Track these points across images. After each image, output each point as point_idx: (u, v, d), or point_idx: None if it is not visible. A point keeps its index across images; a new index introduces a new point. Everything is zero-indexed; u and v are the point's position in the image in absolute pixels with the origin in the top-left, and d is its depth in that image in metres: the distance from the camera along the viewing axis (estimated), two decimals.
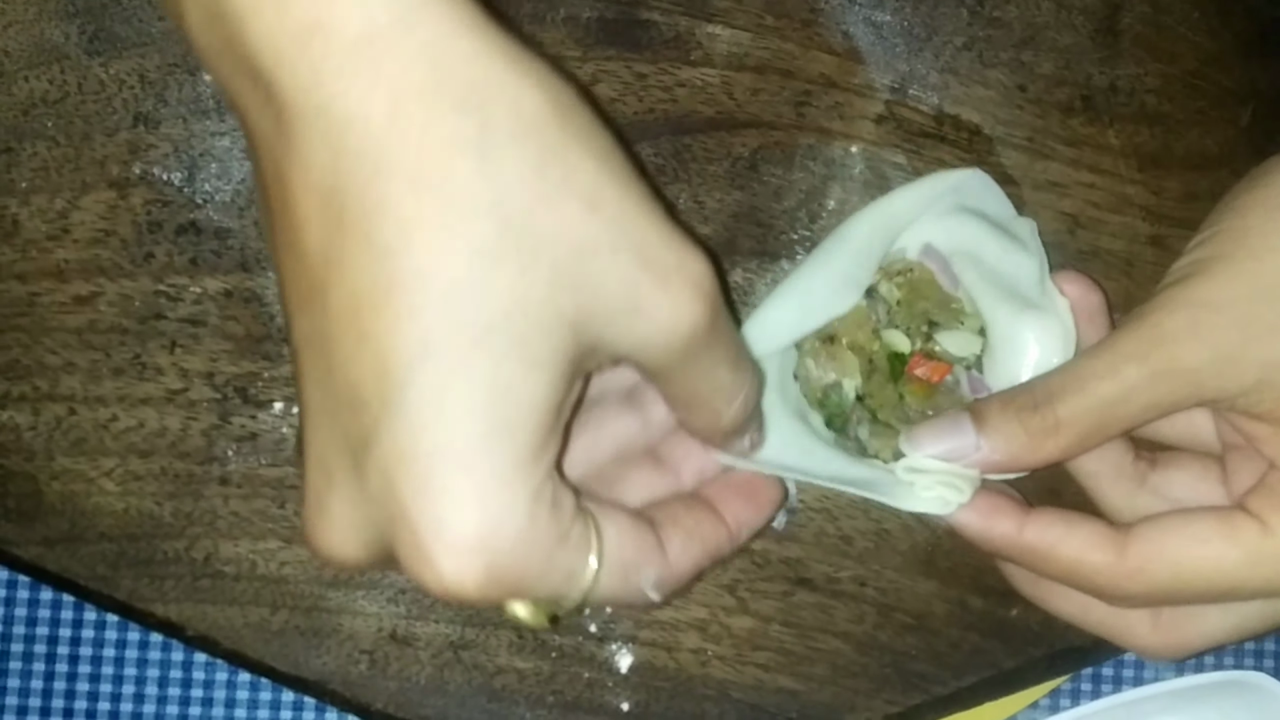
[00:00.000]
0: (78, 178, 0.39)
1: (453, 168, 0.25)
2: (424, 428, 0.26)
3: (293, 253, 0.27)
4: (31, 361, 0.39)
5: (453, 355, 0.26)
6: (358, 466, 0.27)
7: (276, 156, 0.26)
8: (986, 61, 0.40)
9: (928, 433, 0.35)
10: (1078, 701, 0.43)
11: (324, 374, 0.27)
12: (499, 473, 0.27)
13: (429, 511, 0.27)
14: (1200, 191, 0.41)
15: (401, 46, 0.25)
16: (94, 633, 0.42)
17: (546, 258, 0.26)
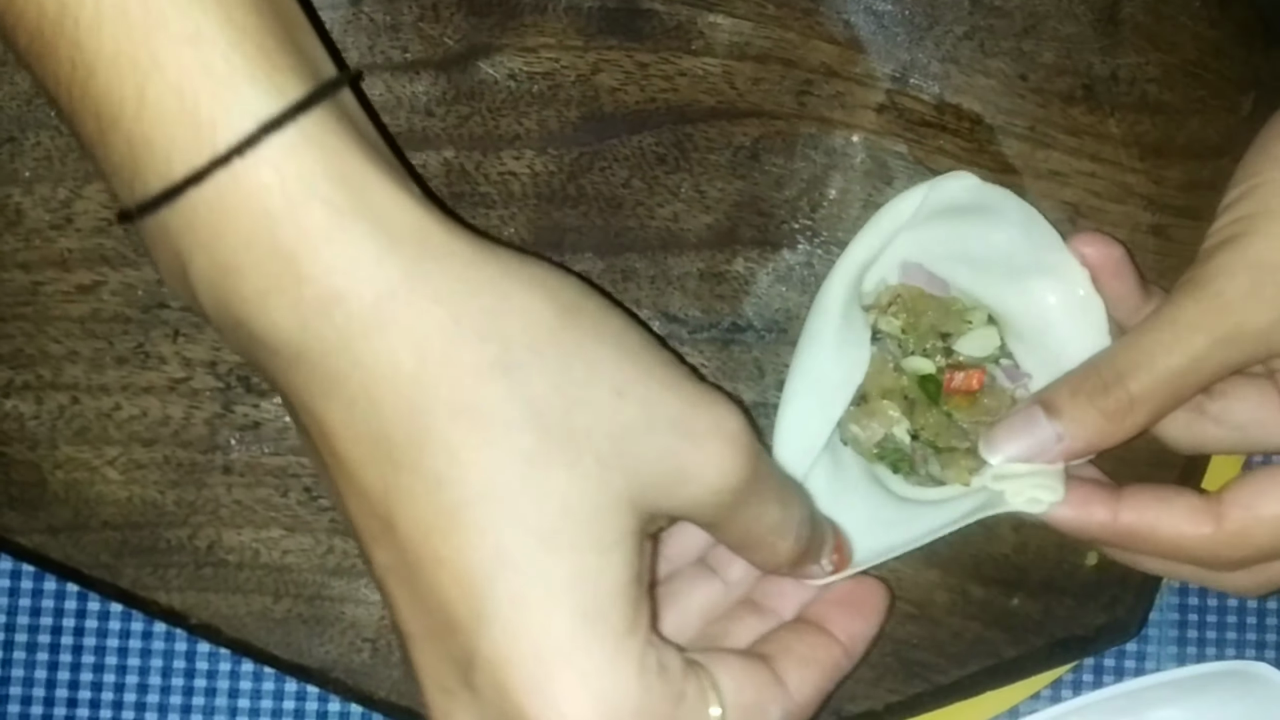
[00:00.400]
0: (81, 167, 0.39)
1: (485, 393, 0.27)
2: (518, 634, 0.27)
3: (354, 494, 0.28)
4: (35, 350, 0.39)
5: (527, 560, 0.27)
6: (469, 683, 0.28)
7: (318, 414, 0.28)
8: (988, 50, 0.40)
9: (1004, 434, 0.36)
10: (1079, 692, 0.43)
11: (413, 600, 0.28)
12: (599, 655, 0.28)
13: (546, 710, 0.28)
14: (1202, 181, 0.41)
15: (418, 297, 0.27)
16: (98, 622, 0.42)
17: (589, 451, 0.28)
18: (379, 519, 0.28)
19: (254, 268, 0.27)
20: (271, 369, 0.28)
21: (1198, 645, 0.44)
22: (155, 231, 0.28)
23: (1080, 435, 0.35)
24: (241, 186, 0.27)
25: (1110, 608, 0.41)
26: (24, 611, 0.42)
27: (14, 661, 0.42)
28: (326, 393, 0.28)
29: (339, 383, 0.27)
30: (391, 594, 0.29)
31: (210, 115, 0.26)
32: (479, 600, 0.27)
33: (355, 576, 0.40)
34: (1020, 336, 0.38)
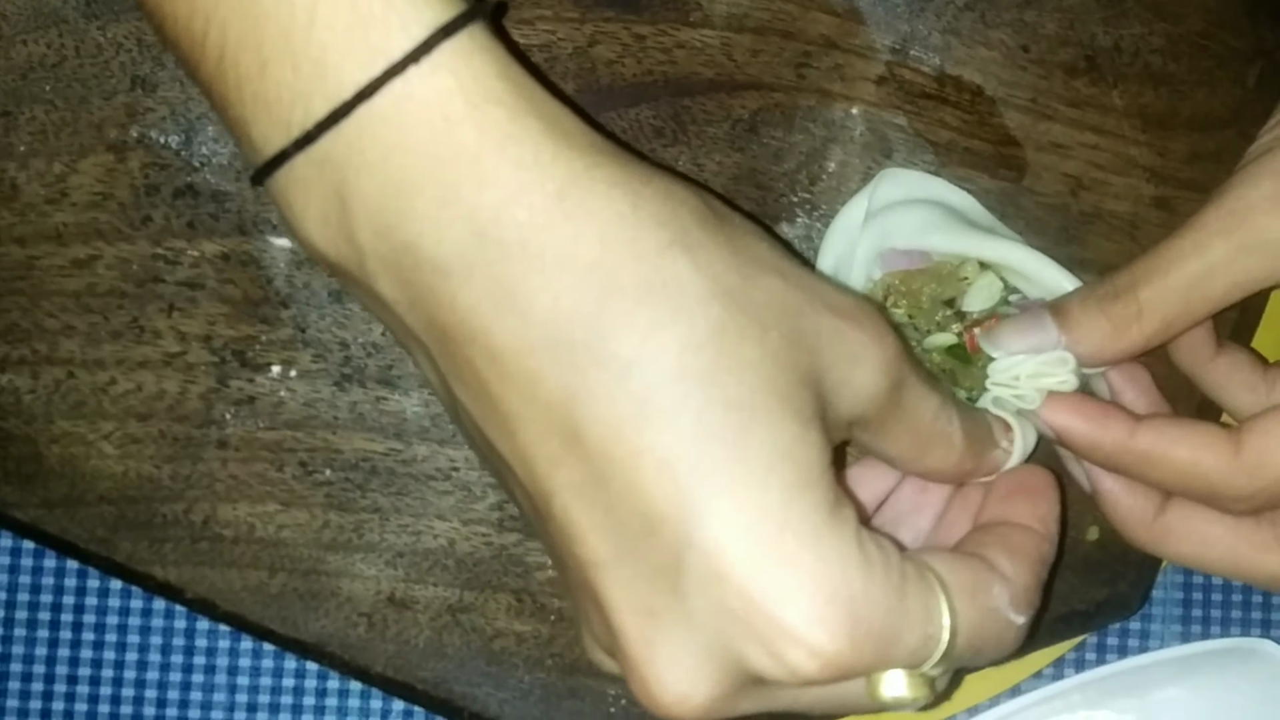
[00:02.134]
0: (76, 141, 0.39)
1: (670, 270, 0.27)
2: (731, 513, 0.26)
3: (530, 417, 0.27)
4: (30, 325, 0.39)
5: (732, 435, 0.26)
6: (677, 589, 0.27)
7: (491, 335, 0.27)
8: (989, 22, 0.40)
9: (1009, 331, 0.35)
10: (1082, 669, 0.43)
11: (605, 516, 0.27)
12: (818, 526, 0.27)
13: (771, 588, 0.26)
14: (1206, 153, 0.40)
15: (598, 184, 0.27)
16: (97, 600, 0.42)
17: (772, 324, 0.28)
18: (561, 434, 0.27)
19: (430, 179, 0.26)
20: (435, 300, 0.27)
21: (1201, 623, 0.43)
22: (309, 171, 0.27)
23: (1083, 339, 0.34)
24: (418, 94, 0.26)
25: (1112, 583, 0.40)
26: (24, 589, 0.42)
27: (14, 639, 0.42)
28: (500, 305, 0.27)
29: (516, 289, 0.26)
30: (576, 522, 0.27)
31: (384, 24, 0.26)
32: (686, 484, 0.26)
33: (351, 551, 0.39)
34: (1017, 273, 0.38)
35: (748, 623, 0.26)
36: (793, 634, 0.26)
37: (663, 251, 0.27)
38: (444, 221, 0.26)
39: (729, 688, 0.27)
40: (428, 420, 0.39)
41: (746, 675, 0.27)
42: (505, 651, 0.40)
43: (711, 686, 0.27)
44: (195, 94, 0.39)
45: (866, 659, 0.27)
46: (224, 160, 0.39)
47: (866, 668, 0.27)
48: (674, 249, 0.27)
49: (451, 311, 0.27)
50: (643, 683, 0.28)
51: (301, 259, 0.39)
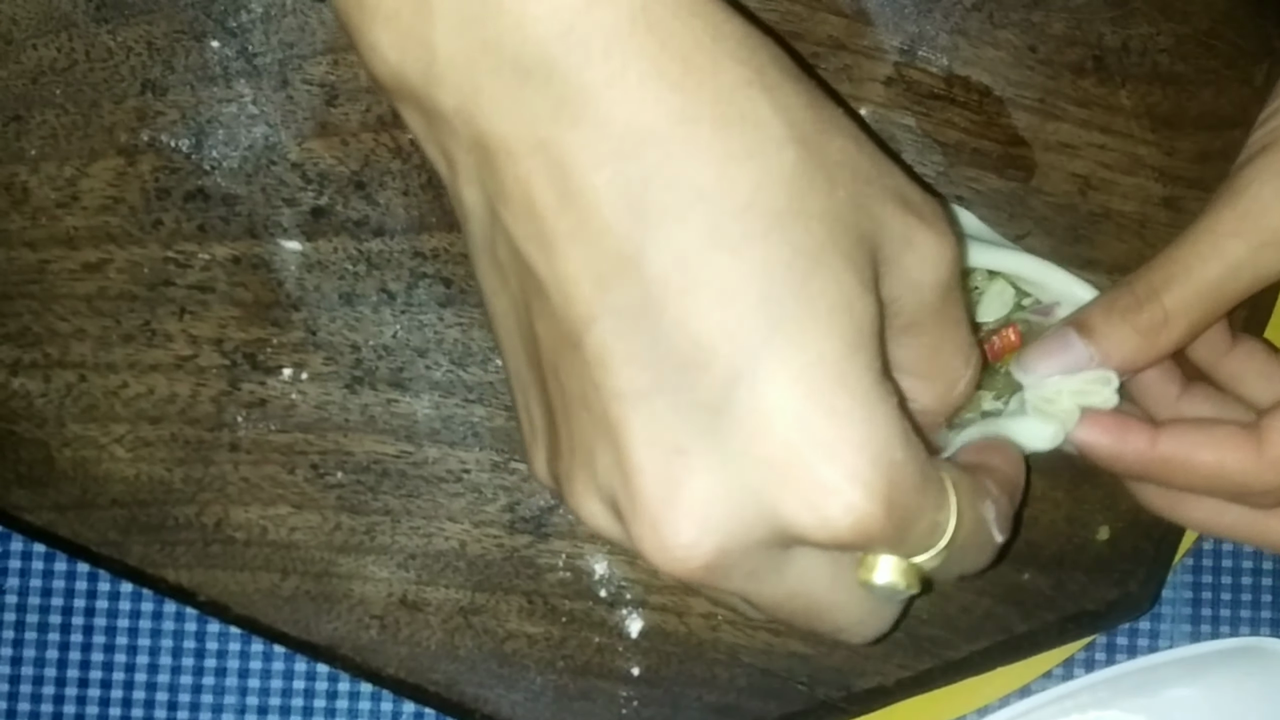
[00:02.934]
0: (86, 145, 0.39)
1: (749, 105, 0.26)
2: (789, 355, 0.25)
3: (586, 237, 0.26)
4: (42, 329, 0.39)
5: (796, 278, 0.26)
6: (715, 427, 0.26)
7: (561, 147, 0.26)
8: (996, 22, 0.40)
9: (1037, 354, 0.35)
10: (1091, 670, 0.43)
11: (649, 345, 0.26)
12: (868, 388, 0.26)
13: (819, 438, 0.25)
14: (1214, 152, 0.40)
15: (680, 7, 0.26)
16: (108, 603, 0.42)
17: (841, 181, 0.27)
18: (617, 256, 0.25)
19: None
20: (504, 107, 0.26)
21: (1211, 622, 0.43)
22: None
23: (1115, 353, 0.34)
24: None
25: (1122, 583, 0.40)
26: (35, 592, 0.42)
27: (26, 642, 0.42)
28: (578, 114, 0.25)
29: (597, 97, 0.25)
30: (613, 350, 0.26)
31: None
32: (746, 318, 0.25)
33: (362, 554, 0.39)
34: (1027, 280, 0.38)
35: (788, 470, 0.26)
36: (833, 487, 0.26)
37: (742, 87, 0.26)
38: (529, 19, 0.25)
39: (743, 542, 0.26)
40: (439, 423, 0.40)
41: (767, 530, 0.26)
42: (517, 653, 0.40)
43: (724, 536, 0.26)
44: (205, 97, 0.39)
45: (891, 528, 0.26)
46: (234, 164, 0.39)
47: (886, 538, 0.27)
48: (753, 87, 0.26)
49: (522, 120, 0.26)
50: (653, 524, 0.26)
51: (313, 262, 0.40)
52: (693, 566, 0.26)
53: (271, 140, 0.39)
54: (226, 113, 0.39)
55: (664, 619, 0.40)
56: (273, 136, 0.39)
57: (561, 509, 0.40)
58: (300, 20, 0.39)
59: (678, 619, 0.40)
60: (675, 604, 0.40)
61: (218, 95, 0.39)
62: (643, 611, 0.40)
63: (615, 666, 0.40)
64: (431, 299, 0.40)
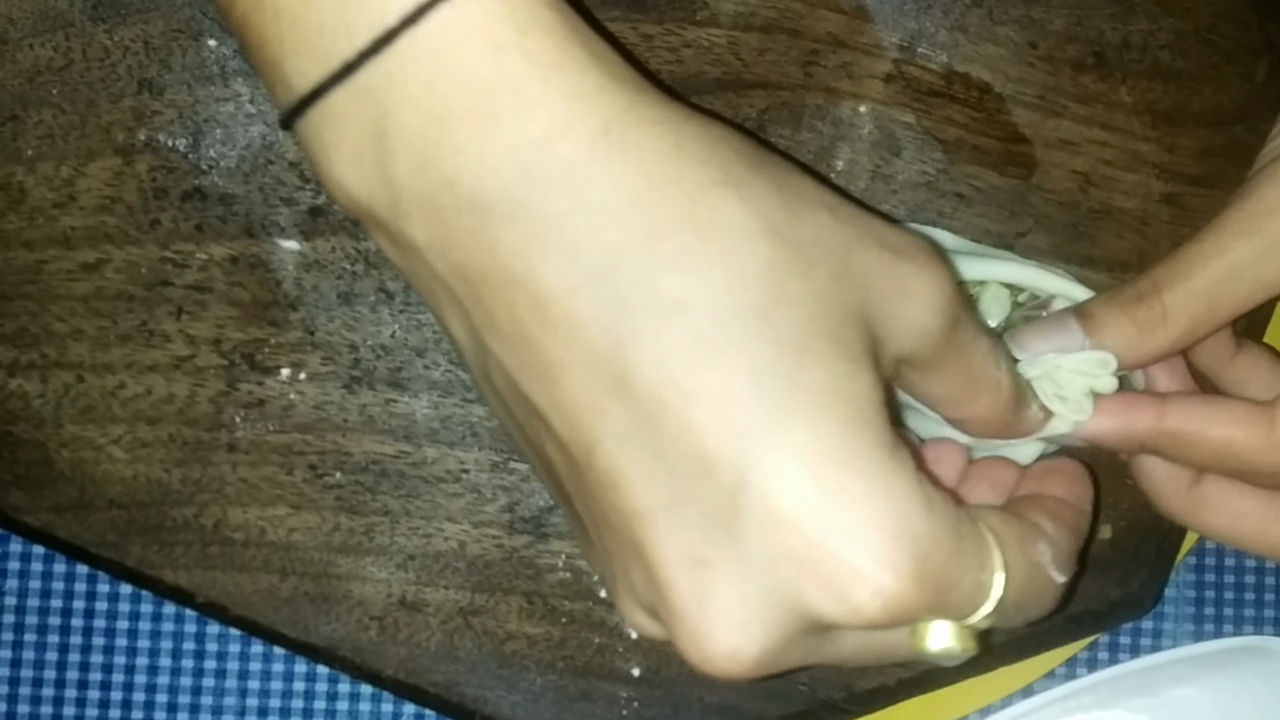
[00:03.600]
0: (83, 145, 0.39)
1: (717, 207, 0.26)
2: (789, 450, 0.26)
3: (575, 364, 0.26)
4: (39, 329, 0.39)
5: (784, 372, 0.26)
6: (732, 534, 0.26)
7: (535, 276, 0.26)
8: (996, 18, 0.40)
9: (1034, 334, 0.35)
10: (1094, 669, 0.42)
11: (653, 462, 0.26)
12: (876, 465, 0.26)
13: (833, 527, 0.26)
14: (1215, 148, 0.40)
15: (643, 121, 0.26)
16: (107, 604, 0.42)
17: (820, 260, 0.27)
18: (607, 379, 0.26)
19: (474, 110, 0.25)
20: (473, 243, 0.26)
21: (1214, 622, 0.43)
22: (346, 106, 0.26)
23: (1110, 344, 0.34)
24: (465, 20, 0.25)
25: (1125, 582, 0.40)
26: (34, 594, 0.42)
27: (25, 644, 0.42)
28: (545, 244, 0.26)
29: (562, 226, 0.26)
30: (621, 470, 0.26)
31: None
32: (740, 422, 0.25)
33: (361, 554, 0.39)
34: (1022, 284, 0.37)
35: (808, 563, 0.26)
36: (856, 573, 0.26)
37: (708, 190, 0.26)
38: (487, 155, 0.26)
39: (783, 638, 0.27)
40: (437, 423, 0.39)
41: (803, 622, 0.26)
42: (517, 654, 0.39)
43: (766, 637, 0.26)
44: (203, 96, 0.39)
45: (927, 601, 0.26)
46: (232, 163, 0.39)
47: (925, 610, 0.27)
48: (719, 187, 0.26)
49: (492, 254, 0.26)
50: (693, 637, 0.26)
51: (310, 261, 0.39)
52: (742, 671, 0.27)
53: (269, 139, 0.39)
54: (224, 112, 0.39)
55: None
56: (270, 135, 0.39)
57: (561, 509, 0.40)
58: None
59: None
60: None
61: (215, 94, 0.39)
62: None
63: (615, 667, 0.40)
64: None
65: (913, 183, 0.40)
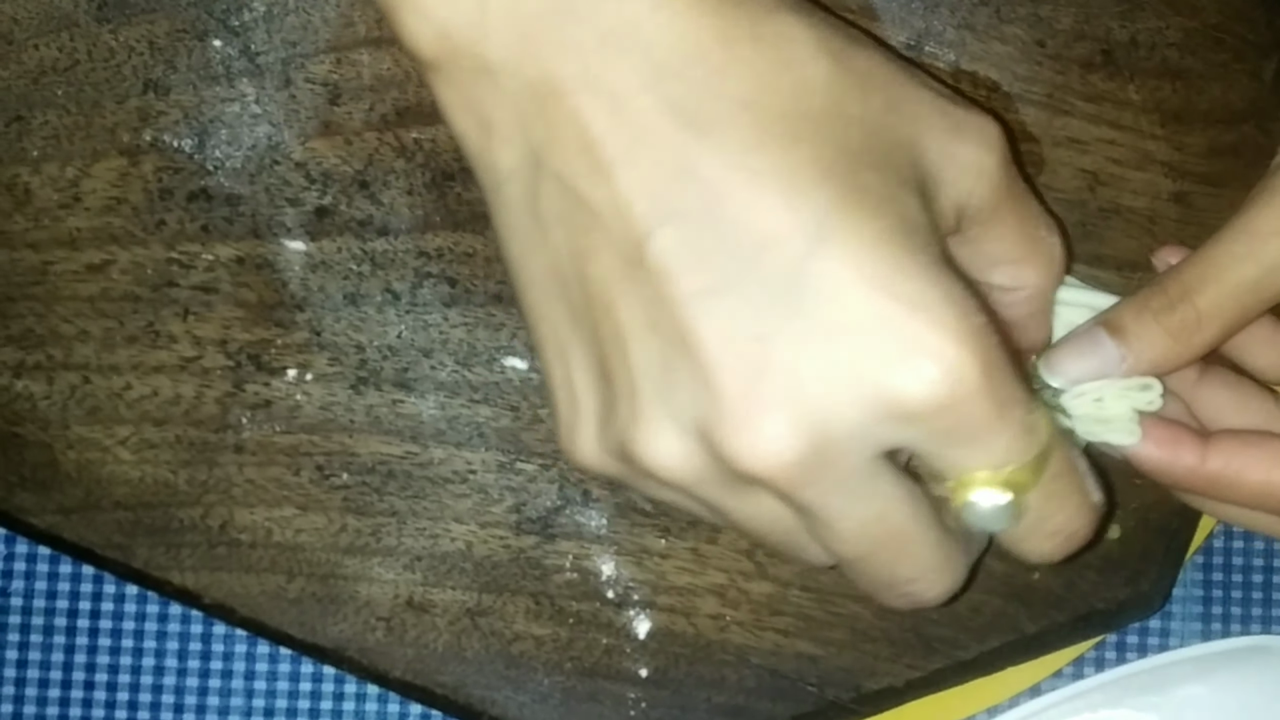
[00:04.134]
0: (89, 145, 0.39)
1: (782, 25, 0.28)
2: (859, 226, 0.26)
3: (641, 153, 0.27)
4: (45, 330, 0.39)
5: (841, 171, 0.27)
6: (793, 306, 0.26)
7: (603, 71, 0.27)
8: (1004, 17, 0.40)
9: (1066, 354, 0.34)
10: (1102, 669, 0.42)
11: (714, 244, 0.26)
12: (939, 260, 0.27)
13: (906, 296, 0.26)
14: (1224, 147, 0.40)
15: None
16: (113, 605, 0.42)
17: (876, 88, 0.28)
18: (674, 166, 0.27)
19: None
20: (554, 47, 0.27)
21: (1222, 621, 0.43)
22: None
23: (1145, 354, 0.34)
24: None
25: (1133, 581, 0.40)
26: (40, 595, 0.42)
27: (31, 645, 0.42)
28: (623, 42, 0.27)
29: (640, 25, 0.27)
30: (678, 254, 0.26)
31: None
32: (810, 198, 0.26)
33: (368, 555, 0.39)
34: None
35: (879, 332, 0.26)
36: (930, 345, 0.26)
37: (773, 9, 0.28)
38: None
39: (834, 431, 0.26)
40: (444, 423, 0.39)
41: (861, 404, 0.26)
42: (524, 655, 0.39)
43: (817, 423, 0.26)
44: (208, 97, 0.39)
45: (988, 392, 0.26)
46: (237, 163, 0.39)
47: (986, 409, 0.26)
48: (783, 9, 0.28)
49: (570, 57, 0.27)
50: (742, 421, 0.26)
51: (317, 262, 0.39)
52: (786, 461, 0.26)
53: (275, 140, 0.39)
54: (229, 112, 0.39)
55: (672, 620, 0.39)
56: (276, 136, 0.39)
57: (568, 509, 0.40)
58: (303, 19, 0.39)
59: (686, 620, 0.39)
60: (683, 605, 0.39)
61: (220, 95, 0.39)
62: (650, 612, 0.39)
63: (623, 668, 0.39)
64: (436, 299, 0.39)
65: None
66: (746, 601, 0.39)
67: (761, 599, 0.39)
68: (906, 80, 0.30)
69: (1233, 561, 0.43)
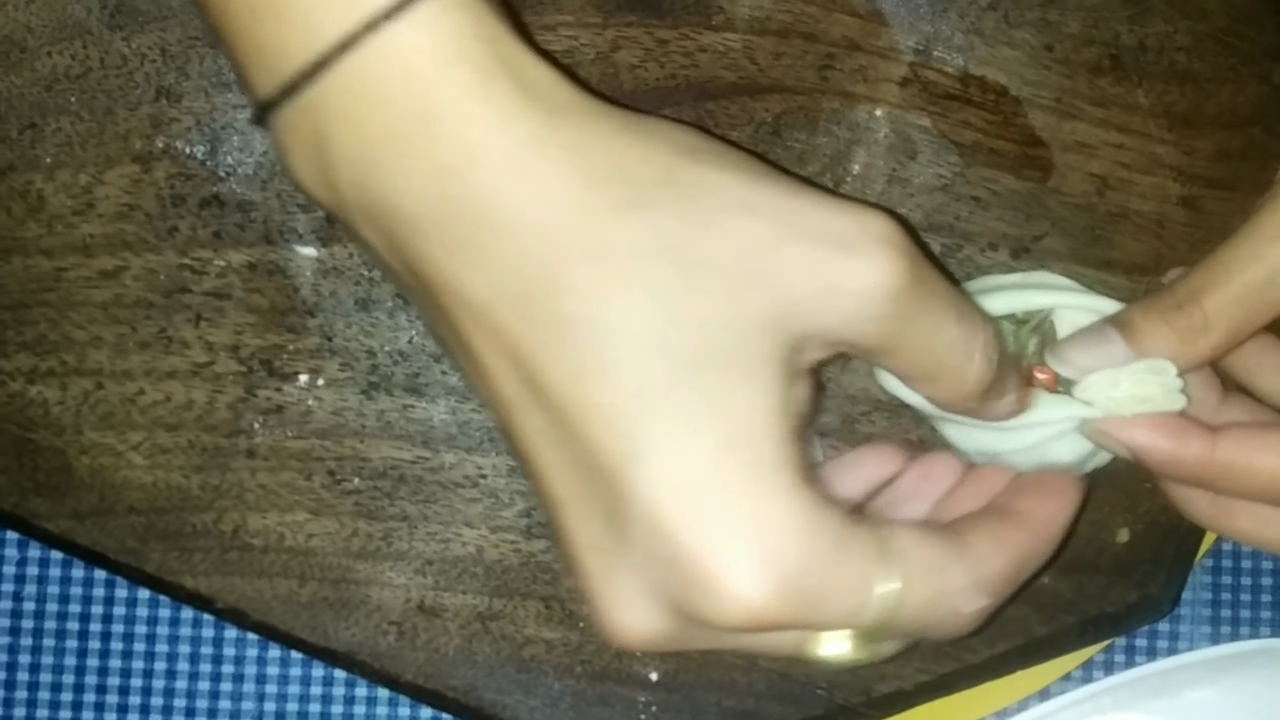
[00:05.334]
0: (101, 152, 0.39)
1: (616, 230, 0.28)
2: (666, 468, 0.28)
3: (498, 365, 0.29)
4: (59, 336, 0.39)
5: (671, 389, 0.28)
6: (624, 534, 0.28)
7: (457, 285, 0.28)
8: (1012, 21, 0.40)
9: (1075, 347, 0.34)
10: (1111, 672, 0.42)
11: (563, 459, 0.29)
12: (746, 480, 0.28)
13: (701, 541, 0.27)
14: (1232, 151, 0.40)
15: (551, 147, 0.28)
16: (125, 609, 0.42)
17: (724, 274, 0.28)
18: (524, 382, 0.28)
19: (400, 135, 0.27)
20: (410, 250, 0.28)
21: (1231, 624, 0.43)
22: (295, 118, 0.28)
23: (1152, 353, 0.34)
24: (391, 51, 0.27)
25: (1143, 585, 0.40)
26: (52, 599, 0.42)
27: (43, 649, 0.42)
28: (465, 260, 0.28)
29: (476, 245, 0.28)
30: (540, 462, 0.29)
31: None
32: (627, 438, 0.28)
33: (380, 559, 0.39)
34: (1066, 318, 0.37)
35: (682, 571, 0.28)
36: (720, 586, 0.28)
37: (613, 214, 0.28)
38: (411, 177, 0.28)
39: (673, 626, 0.29)
40: (455, 428, 0.39)
41: (686, 618, 0.29)
42: (535, 659, 0.39)
43: (656, 622, 0.29)
44: (220, 104, 0.39)
45: (791, 613, 0.28)
46: (249, 170, 0.39)
47: (792, 621, 0.28)
48: (625, 211, 0.28)
49: (424, 263, 0.28)
50: (597, 612, 0.29)
51: (328, 267, 0.39)
52: (643, 648, 0.29)
53: None
54: (241, 119, 0.39)
55: None
56: None
57: None
58: None
59: None
60: None
61: (232, 101, 0.39)
62: None
63: (633, 671, 0.40)
64: None
65: (929, 186, 0.40)
66: None
67: None
68: (772, 241, 0.28)
69: (1242, 564, 0.43)
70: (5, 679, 0.42)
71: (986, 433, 0.35)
